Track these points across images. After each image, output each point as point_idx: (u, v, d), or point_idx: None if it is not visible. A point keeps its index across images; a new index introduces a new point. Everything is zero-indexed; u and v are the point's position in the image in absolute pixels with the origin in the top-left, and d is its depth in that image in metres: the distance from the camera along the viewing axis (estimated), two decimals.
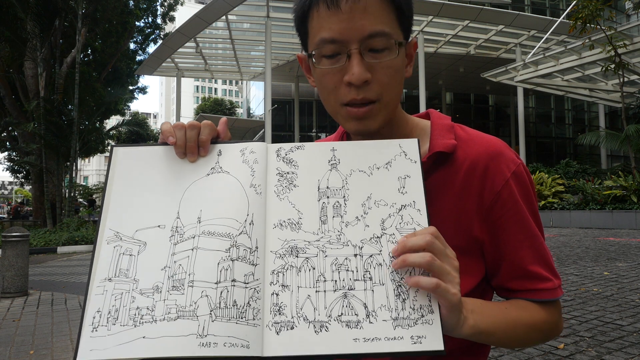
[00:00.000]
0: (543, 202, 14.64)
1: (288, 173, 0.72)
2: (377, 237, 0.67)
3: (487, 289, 0.86)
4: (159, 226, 0.68)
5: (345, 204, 0.69)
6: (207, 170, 0.72)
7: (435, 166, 0.81)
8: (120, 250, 0.66)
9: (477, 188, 0.79)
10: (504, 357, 3.05)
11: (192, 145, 0.72)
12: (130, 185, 0.71)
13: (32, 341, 3.80)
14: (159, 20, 24.04)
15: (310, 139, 32.28)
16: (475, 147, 0.81)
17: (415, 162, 0.71)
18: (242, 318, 0.62)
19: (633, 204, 12.35)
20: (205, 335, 0.60)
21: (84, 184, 49.17)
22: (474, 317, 0.69)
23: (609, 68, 14.24)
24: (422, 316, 0.63)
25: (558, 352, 3.06)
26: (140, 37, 23.75)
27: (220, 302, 0.62)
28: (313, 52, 0.77)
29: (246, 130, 34.66)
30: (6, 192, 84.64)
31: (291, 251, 0.67)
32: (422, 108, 22.94)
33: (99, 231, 0.68)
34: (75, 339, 0.64)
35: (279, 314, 0.63)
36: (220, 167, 0.72)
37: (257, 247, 0.67)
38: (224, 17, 21.02)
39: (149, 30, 23.79)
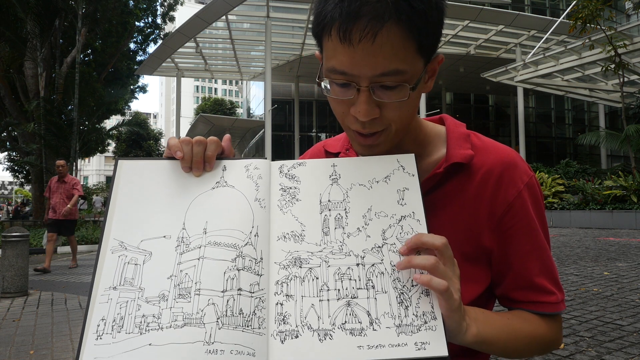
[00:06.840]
0: None
1: (291, 188, 0.73)
2: (379, 246, 0.68)
3: (491, 298, 0.86)
4: (164, 236, 0.68)
5: (346, 216, 0.71)
6: (212, 184, 0.73)
7: (450, 174, 0.81)
8: (125, 259, 0.66)
9: (490, 196, 0.79)
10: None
11: (198, 160, 0.73)
12: (135, 196, 0.71)
13: (32, 341, 3.80)
14: (159, 20, 24.03)
15: (310, 139, 32.45)
16: (491, 156, 0.82)
17: (413, 175, 0.73)
18: (248, 326, 0.62)
19: (633, 204, 12.34)
20: (212, 343, 0.60)
21: (84, 184, 49.16)
22: (477, 325, 0.69)
23: (609, 68, 14.23)
24: (425, 322, 0.63)
25: (558, 352, 3.06)
26: (140, 37, 23.74)
27: (226, 310, 0.62)
28: (324, 79, 0.74)
29: (246, 130, 34.65)
30: (6, 192, 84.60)
31: (295, 262, 0.68)
32: (422, 108, 22.92)
33: (103, 241, 0.68)
34: (75, 339, 0.64)
35: (284, 323, 0.64)
36: (225, 182, 0.73)
37: (262, 258, 0.67)
38: (224, 17, 21.02)
39: (149, 30, 23.78)
